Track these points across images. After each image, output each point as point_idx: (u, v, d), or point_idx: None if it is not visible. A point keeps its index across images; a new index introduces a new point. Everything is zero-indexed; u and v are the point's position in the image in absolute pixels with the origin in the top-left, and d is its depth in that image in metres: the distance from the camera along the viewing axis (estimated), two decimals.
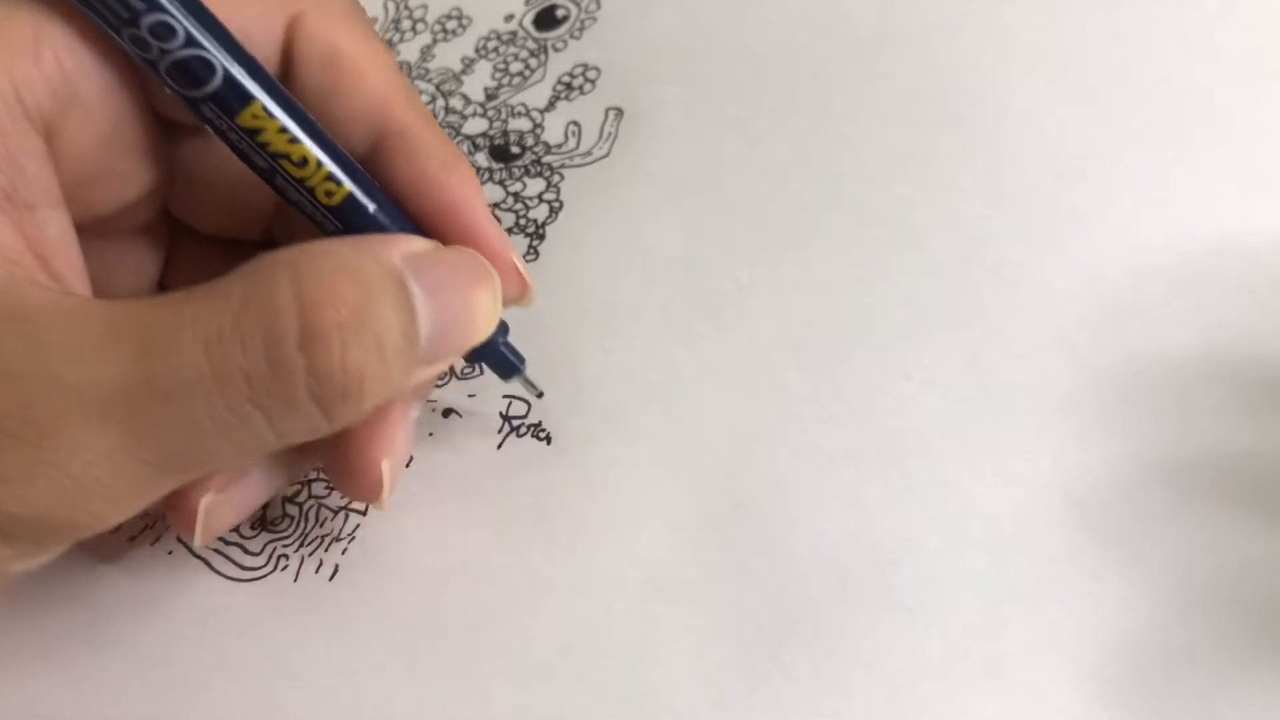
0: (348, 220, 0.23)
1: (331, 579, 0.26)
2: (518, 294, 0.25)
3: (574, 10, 0.36)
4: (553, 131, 0.34)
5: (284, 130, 0.21)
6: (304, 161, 0.22)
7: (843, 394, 0.27)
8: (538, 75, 0.35)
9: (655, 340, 0.29)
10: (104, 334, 0.19)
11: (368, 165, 0.23)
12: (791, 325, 0.29)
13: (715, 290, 0.29)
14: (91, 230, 0.22)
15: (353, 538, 0.27)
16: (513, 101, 0.35)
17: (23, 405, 0.18)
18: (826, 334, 0.28)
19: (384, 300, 0.20)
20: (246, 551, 0.27)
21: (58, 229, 0.21)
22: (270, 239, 0.26)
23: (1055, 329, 0.27)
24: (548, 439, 0.28)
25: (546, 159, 0.33)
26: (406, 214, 0.24)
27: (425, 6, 0.38)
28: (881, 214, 0.30)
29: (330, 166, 0.22)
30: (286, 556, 0.27)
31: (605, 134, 0.33)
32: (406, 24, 0.38)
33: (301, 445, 0.23)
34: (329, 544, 0.27)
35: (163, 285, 0.27)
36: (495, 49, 0.36)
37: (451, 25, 0.37)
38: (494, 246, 0.24)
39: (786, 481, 0.26)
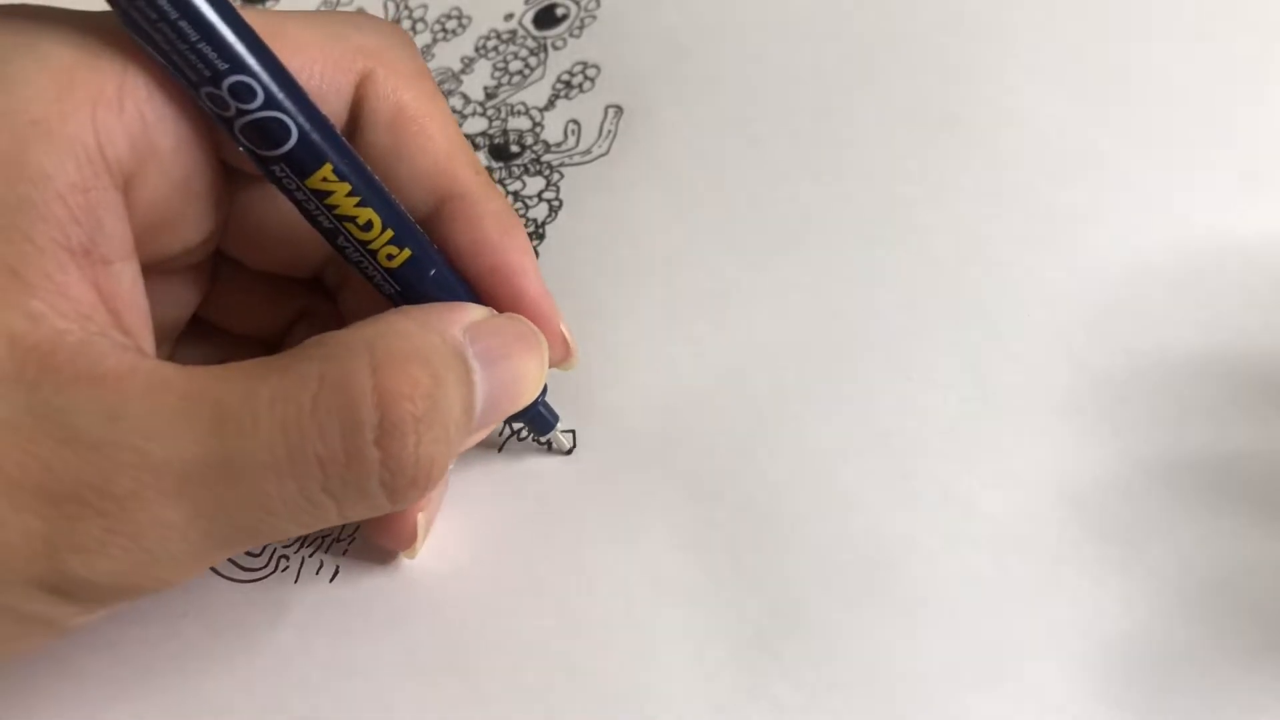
0: (406, 282, 0.23)
1: (332, 580, 0.26)
2: (562, 358, 0.26)
3: (573, 9, 0.36)
4: (552, 130, 0.34)
5: (353, 193, 0.22)
6: (370, 225, 0.22)
7: (843, 394, 0.27)
8: (537, 74, 0.35)
9: (655, 340, 0.29)
10: (181, 406, 0.19)
11: (425, 225, 0.24)
12: (791, 325, 0.29)
13: (715, 290, 0.29)
14: (145, 268, 0.22)
15: (353, 539, 0.27)
16: (512, 100, 0.35)
17: (102, 477, 0.18)
18: (826, 334, 0.28)
19: (452, 384, 0.21)
20: (247, 552, 0.27)
21: (129, 282, 0.21)
22: (317, 277, 0.27)
23: (1055, 329, 0.27)
24: (548, 444, 0.28)
25: (546, 158, 0.33)
26: (462, 277, 0.24)
27: (425, 6, 0.38)
28: (881, 214, 0.30)
29: (394, 230, 0.22)
30: (287, 557, 0.27)
31: (605, 132, 0.33)
32: (406, 24, 0.37)
33: None
34: (329, 545, 0.27)
35: (202, 316, 0.27)
36: (495, 48, 0.36)
37: (451, 25, 0.37)
38: (544, 314, 0.25)
39: (786, 481, 0.26)
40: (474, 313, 0.22)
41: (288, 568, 0.26)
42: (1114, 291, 0.28)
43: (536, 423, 0.27)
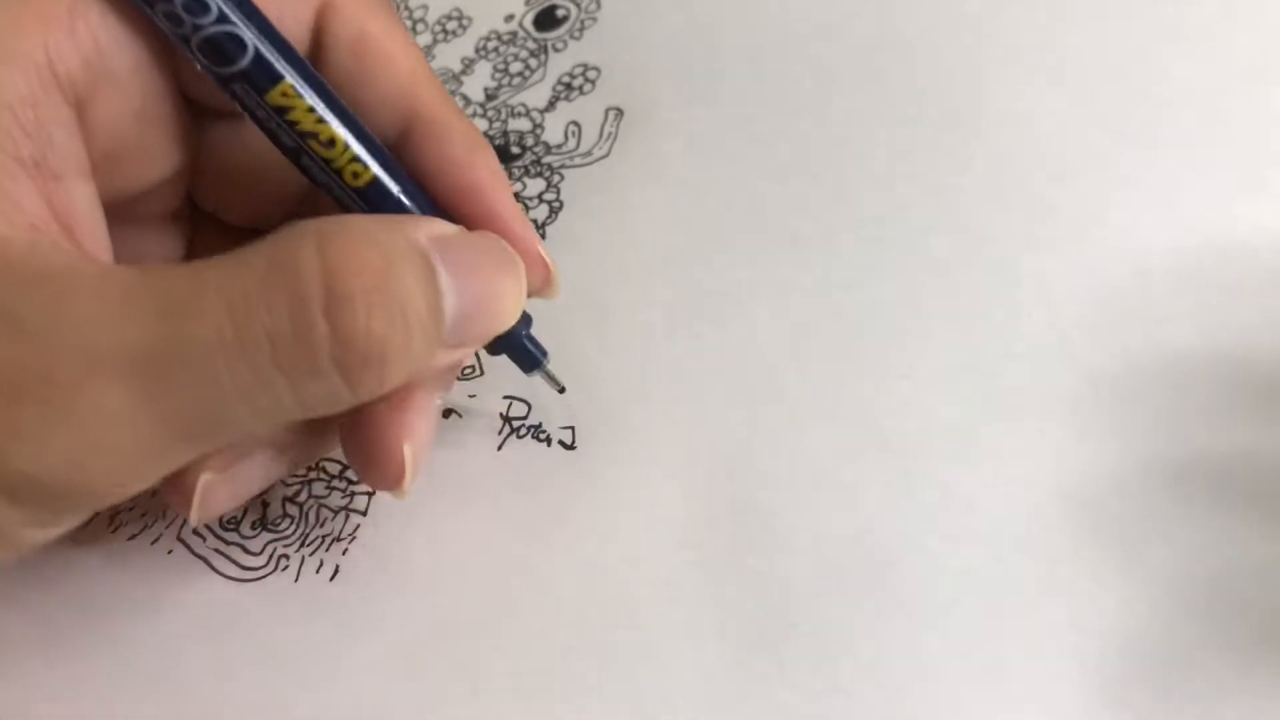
0: (374, 203, 0.23)
1: (332, 579, 0.26)
2: (541, 283, 0.25)
3: (574, 10, 0.36)
4: (553, 132, 0.34)
5: (312, 110, 0.22)
6: (331, 142, 0.22)
7: (843, 394, 0.27)
8: (538, 75, 0.35)
9: (655, 340, 0.29)
10: (126, 296, 0.19)
11: (394, 150, 0.24)
12: (791, 325, 0.29)
13: (715, 290, 0.29)
14: (117, 212, 0.22)
15: (353, 538, 0.27)
16: (513, 102, 0.35)
17: (42, 364, 0.18)
18: (826, 334, 0.28)
19: (409, 271, 0.20)
20: (247, 551, 0.27)
21: (84, 201, 0.21)
22: None
23: (1055, 329, 0.27)
24: (548, 440, 0.28)
25: (546, 159, 0.33)
26: (432, 199, 0.24)
27: (425, 7, 0.38)
28: (881, 214, 0.30)
29: (357, 148, 0.22)
30: (287, 557, 0.27)
31: (605, 134, 0.33)
32: (406, 24, 0.38)
33: (311, 428, 0.23)
34: (329, 544, 0.27)
35: None
36: (495, 49, 0.36)
37: (451, 26, 0.37)
38: (519, 234, 0.24)
39: (786, 481, 0.26)
40: (442, 226, 0.22)
41: (287, 567, 0.26)
42: (1114, 291, 0.28)
43: (522, 356, 0.26)
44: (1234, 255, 0.28)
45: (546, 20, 0.37)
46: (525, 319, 0.25)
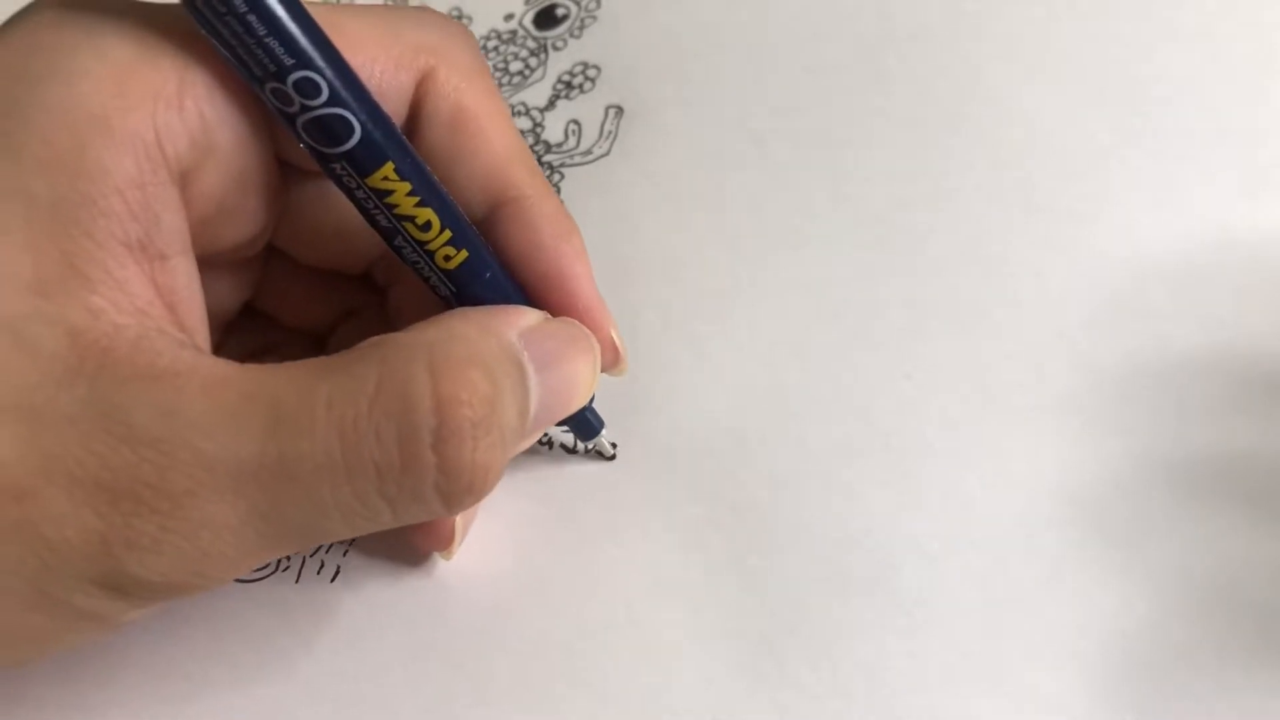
0: (461, 284, 0.23)
1: (333, 580, 0.26)
2: (612, 363, 0.26)
3: (574, 9, 0.36)
4: (553, 130, 0.34)
5: (413, 193, 0.21)
6: (428, 226, 0.22)
7: (843, 394, 0.27)
8: (538, 74, 0.35)
9: (655, 340, 0.29)
10: (237, 405, 0.19)
11: (481, 227, 0.24)
12: (791, 325, 0.29)
13: (715, 290, 0.29)
14: (201, 263, 0.22)
15: (354, 539, 0.27)
16: (513, 101, 0.35)
17: (158, 475, 0.18)
18: (826, 334, 0.28)
19: (509, 390, 0.20)
20: None
21: (186, 277, 0.21)
22: (368, 273, 0.27)
23: (1055, 329, 0.27)
24: (549, 443, 0.28)
25: (547, 158, 0.33)
26: (516, 280, 0.24)
27: (425, 6, 0.38)
28: (881, 214, 0.30)
29: (452, 231, 0.22)
30: (288, 558, 0.27)
31: (605, 133, 0.33)
32: None
33: None
34: (330, 546, 0.27)
35: (250, 305, 0.27)
36: (495, 48, 0.36)
37: None
38: (597, 318, 0.24)
39: (786, 481, 0.26)
40: (529, 316, 0.22)
41: (288, 568, 0.26)
42: (1115, 291, 0.28)
43: (582, 428, 0.27)
44: (1234, 254, 0.28)
45: (546, 19, 0.36)
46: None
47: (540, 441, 0.28)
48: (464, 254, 0.23)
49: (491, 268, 0.23)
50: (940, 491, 0.26)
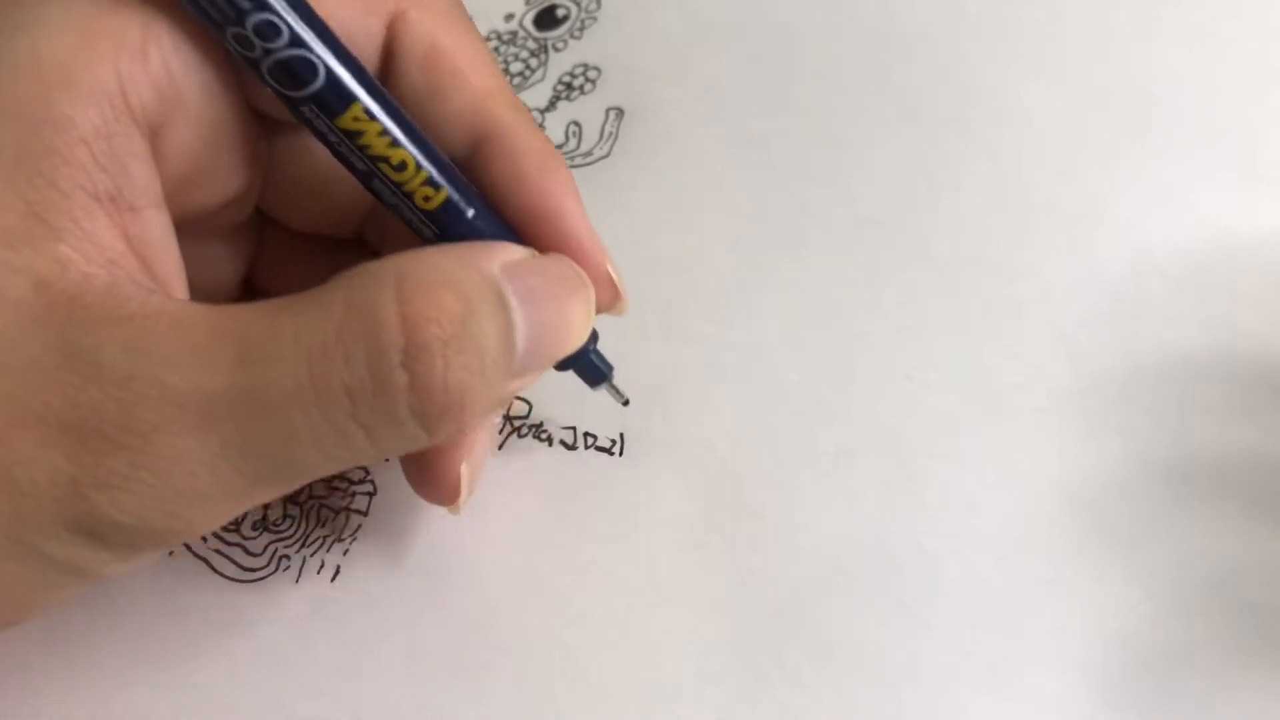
0: (444, 225, 0.22)
1: (333, 580, 0.26)
2: (610, 302, 0.25)
3: (574, 10, 0.36)
4: (553, 131, 0.34)
5: (385, 133, 0.21)
6: (403, 165, 0.22)
7: (843, 394, 0.27)
8: (538, 75, 0.35)
9: (655, 340, 0.29)
10: (206, 341, 0.19)
11: (465, 167, 0.23)
12: (791, 325, 0.29)
13: (716, 290, 0.30)
14: (186, 229, 0.22)
15: (354, 538, 0.27)
16: None
17: (125, 412, 0.18)
18: (826, 334, 0.28)
19: (485, 314, 0.20)
20: (248, 552, 0.27)
21: (159, 230, 0.21)
22: (361, 237, 0.26)
23: (1055, 329, 0.27)
24: (549, 440, 0.28)
25: None
26: (502, 218, 0.23)
27: None
28: (881, 214, 0.30)
29: (429, 170, 0.22)
30: (288, 557, 0.27)
31: (606, 134, 0.33)
32: None
33: None
34: (330, 544, 0.27)
35: (249, 281, 0.26)
36: (495, 49, 0.36)
37: None
38: (589, 254, 0.24)
39: (786, 481, 0.26)
40: (513, 252, 0.22)
41: (289, 568, 0.26)
42: (1115, 291, 0.28)
43: (589, 372, 0.26)
44: (1235, 254, 0.28)
45: (546, 20, 0.36)
46: (592, 335, 0.25)
47: (539, 438, 0.28)
48: (444, 193, 0.22)
49: (475, 206, 0.23)
50: (941, 491, 0.26)
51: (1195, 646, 0.23)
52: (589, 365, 0.26)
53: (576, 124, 0.34)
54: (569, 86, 0.35)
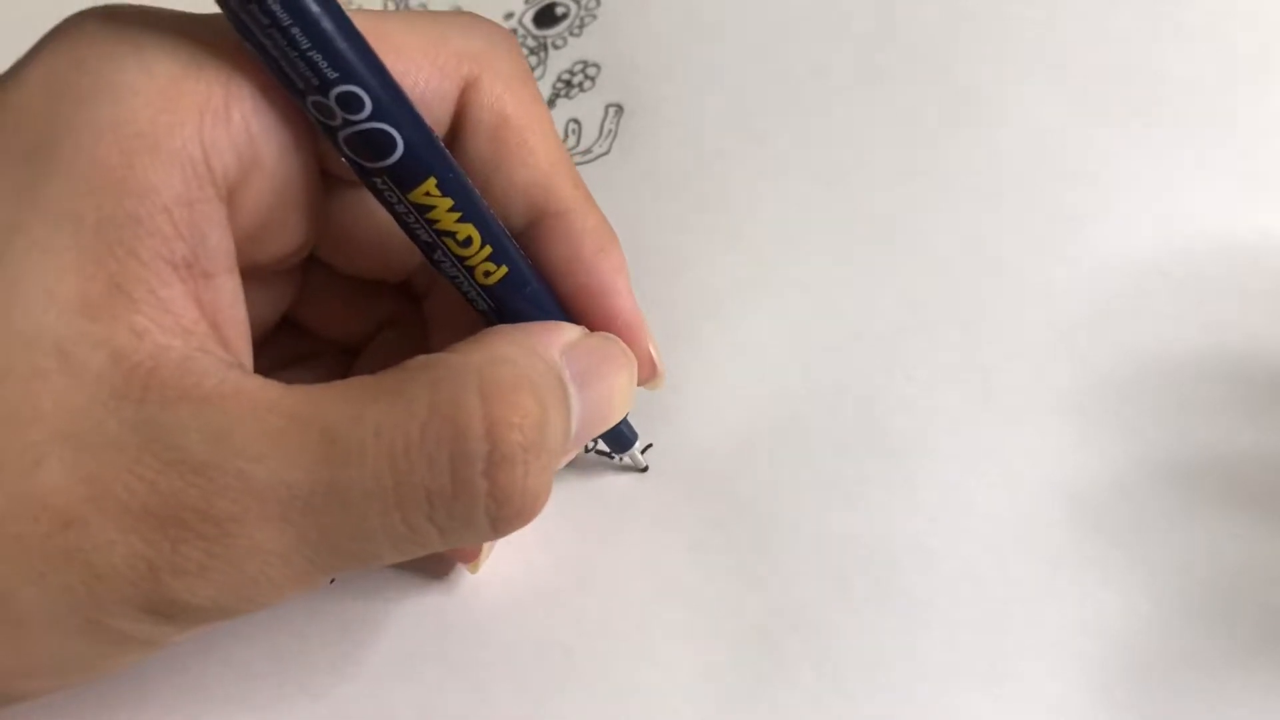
0: (499, 299, 0.23)
1: (333, 581, 0.26)
2: (647, 378, 0.25)
3: (573, 7, 0.36)
4: None
5: (454, 209, 0.21)
6: (469, 241, 0.22)
7: (843, 394, 0.27)
8: (537, 73, 0.35)
9: (655, 340, 0.29)
10: (286, 430, 0.19)
11: (521, 238, 0.23)
12: (792, 325, 0.29)
13: (716, 289, 0.29)
14: (242, 274, 0.22)
15: None
16: None
17: (205, 500, 0.18)
18: (827, 334, 0.28)
19: (555, 412, 0.20)
20: None
21: (230, 295, 0.20)
22: (407, 282, 0.26)
23: (1055, 329, 0.27)
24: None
25: None
26: (555, 293, 0.24)
27: (424, 5, 0.38)
28: (881, 214, 0.30)
29: (492, 247, 0.22)
30: None
31: (605, 131, 0.33)
32: None
33: None
34: None
35: (288, 315, 0.26)
36: None
37: None
38: (635, 334, 0.24)
39: (787, 481, 0.26)
40: (569, 333, 0.22)
41: None
42: (1115, 291, 0.28)
43: (617, 441, 0.26)
44: (1235, 254, 0.28)
45: (546, 17, 0.36)
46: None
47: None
48: (504, 270, 0.22)
49: (530, 282, 0.23)
50: (941, 491, 0.26)
51: (1196, 646, 0.23)
52: (619, 435, 0.26)
53: (576, 121, 0.34)
54: (568, 84, 0.35)
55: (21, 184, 0.19)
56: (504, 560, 0.26)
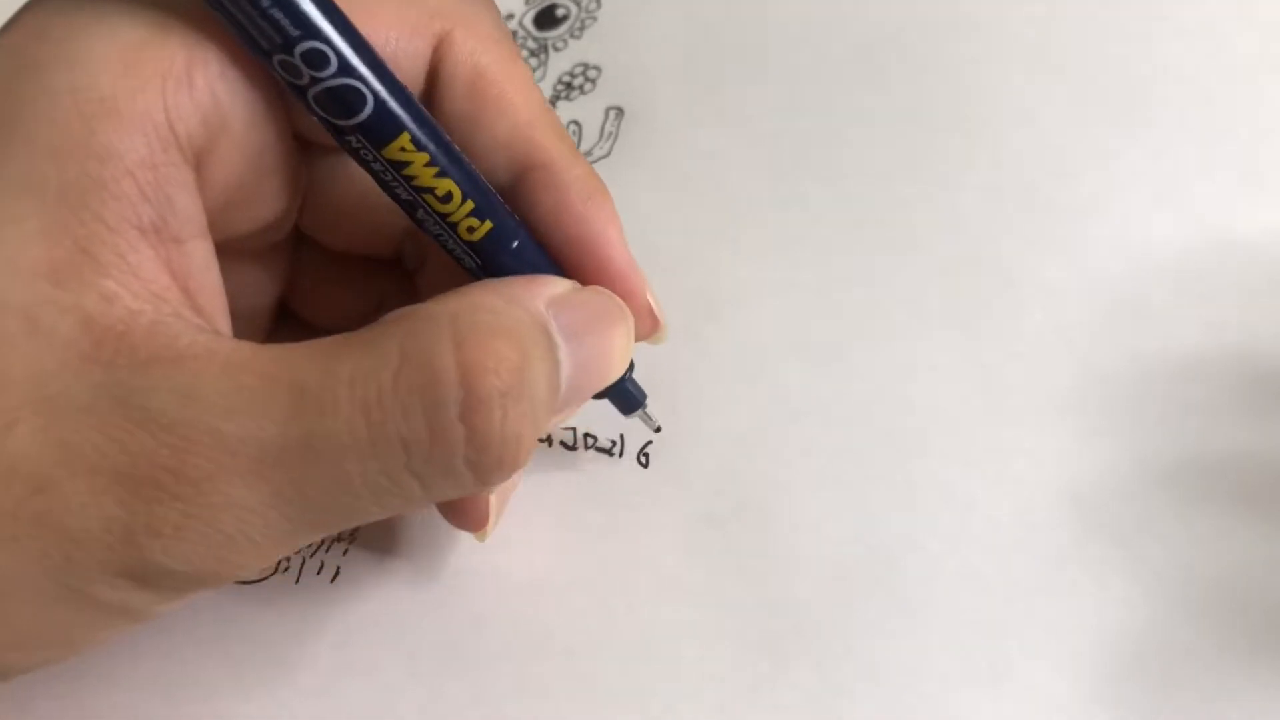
0: (487, 255, 0.22)
1: (333, 581, 0.26)
2: (649, 331, 0.25)
3: (574, 9, 0.36)
4: None
5: (431, 163, 0.21)
6: (449, 196, 0.21)
7: (843, 394, 0.27)
8: (538, 75, 0.35)
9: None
10: (258, 386, 0.19)
11: (507, 193, 0.23)
12: (792, 325, 0.29)
13: (716, 290, 0.29)
14: (222, 251, 0.22)
15: (354, 539, 0.27)
16: None
17: (178, 459, 0.18)
18: (827, 334, 0.28)
19: (538, 361, 0.20)
20: None
21: (202, 261, 0.20)
22: (398, 257, 0.26)
23: (1055, 329, 0.27)
24: (549, 441, 0.28)
25: None
26: (545, 248, 0.23)
27: None
28: (881, 214, 0.30)
29: (474, 201, 0.21)
30: (288, 559, 0.27)
31: (606, 133, 0.33)
32: None
33: None
34: (330, 545, 0.27)
35: (282, 301, 0.26)
36: None
37: None
38: (631, 285, 0.24)
39: (787, 481, 0.26)
40: (557, 286, 0.22)
41: (288, 569, 0.26)
42: (1117, 290, 0.28)
43: (623, 399, 0.26)
44: (1236, 254, 0.28)
45: (546, 19, 0.36)
46: (629, 364, 0.25)
47: (540, 440, 0.27)
48: (488, 224, 0.22)
49: (518, 237, 0.22)
50: (941, 491, 0.26)
51: (1195, 646, 0.23)
52: (624, 394, 0.26)
53: (576, 123, 0.34)
54: (569, 86, 0.35)
55: None
56: (503, 558, 0.26)
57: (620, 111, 0.34)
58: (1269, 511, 0.24)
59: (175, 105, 0.19)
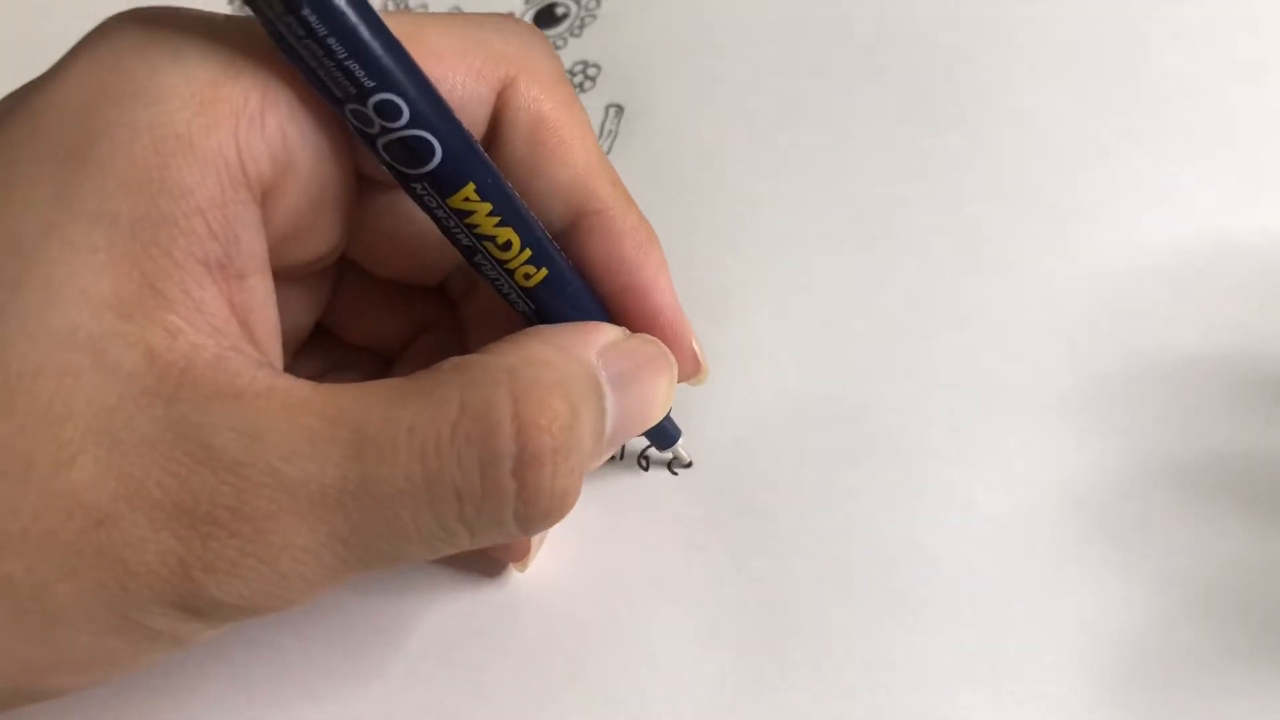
0: (540, 301, 0.23)
1: None
2: (691, 374, 0.25)
3: (574, 8, 0.36)
4: None
5: (494, 213, 0.21)
6: (509, 245, 0.21)
7: (843, 394, 0.27)
8: None
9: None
10: (319, 429, 0.19)
11: (561, 238, 0.23)
12: (792, 325, 0.29)
13: (716, 289, 0.29)
14: (274, 277, 0.22)
15: None
16: None
17: (238, 498, 0.18)
18: (827, 333, 0.28)
19: (587, 415, 0.20)
20: None
21: (262, 295, 0.20)
22: (442, 285, 0.27)
23: (1055, 329, 0.27)
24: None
25: None
26: (595, 293, 0.24)
27: (425, 5, 0.38)
28: (881, 214, 0.30)
29: (532, 250, 0.22)
30: None
31: (606, 132, 0.33)
32: None
33: None
34: None
35: (323, 323, 0.26)
36: None
37: None
38: (678, 332, 0.24)
39: (788, 481, 0.26)
40: (608, 334, 0.22)
41: None
42: (1116, 291, 0.28)
43: (660, 437, 0.26)
44: (1236, 254, 0.28)
45: (546, 18, 0.36)
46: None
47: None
48: (544, 272, 0.22)
49: (571, 283, 0.23)
50: (941, 491, 0.26)
51: (1195, 646, 0.23)
52: (661, 432, 0.26)
53: None
54: None
55: (58, 184, 0.19)
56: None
57: (620, 109, 0.34)
58: (1269, 511, 0.24)
59: (247, 144, 0.19)
